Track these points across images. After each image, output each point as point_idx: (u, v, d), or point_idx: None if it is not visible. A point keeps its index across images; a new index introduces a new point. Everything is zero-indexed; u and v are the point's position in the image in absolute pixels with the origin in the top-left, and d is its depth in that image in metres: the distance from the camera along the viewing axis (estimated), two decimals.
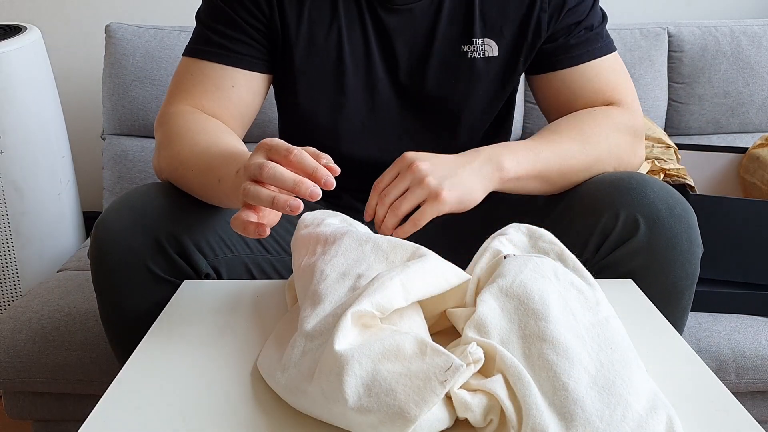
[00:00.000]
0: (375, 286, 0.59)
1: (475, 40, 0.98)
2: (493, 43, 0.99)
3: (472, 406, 0.53)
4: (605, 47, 1.00)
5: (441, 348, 0.54)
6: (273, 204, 0.66)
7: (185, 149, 0.89)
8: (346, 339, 0.56)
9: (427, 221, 0.83)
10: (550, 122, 1.04)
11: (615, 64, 1.01)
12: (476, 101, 1.02)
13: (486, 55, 0.99)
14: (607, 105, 0.99)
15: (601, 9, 1.01)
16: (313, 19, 0.98)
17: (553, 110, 1.03)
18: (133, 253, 0.82)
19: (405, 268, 0.62)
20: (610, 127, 0.95)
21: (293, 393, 0.58)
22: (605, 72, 1.00)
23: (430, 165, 0.83)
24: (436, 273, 0.63)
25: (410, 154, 0.85)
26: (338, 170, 0.70)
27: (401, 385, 0.52)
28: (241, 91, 0.98)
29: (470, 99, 1.01)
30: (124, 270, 0.82)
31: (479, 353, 0.56)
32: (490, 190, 0.88)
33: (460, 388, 0.55)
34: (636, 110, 1.00)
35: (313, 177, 0.68)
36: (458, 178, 0.84)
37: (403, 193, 0.84)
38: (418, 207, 0.84)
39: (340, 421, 0.55)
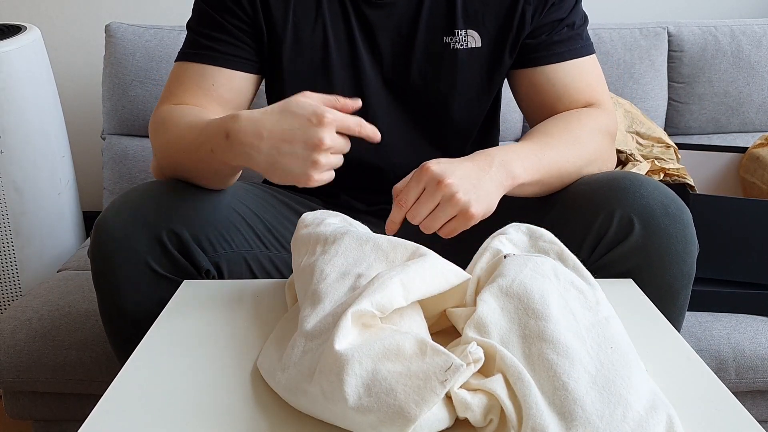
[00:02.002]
0: (375, 285, 0.59)
1: (457, 31, 0.99)
2: (476, 35, 0.99)
3: (472, 406, 0.53)
4: (586, 48, 1.01)
5: (441, 348, 0.54)
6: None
7: (171, 134, 0.91)
8: (346, 339, 0.56)
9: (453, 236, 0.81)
10: (530, 121, 1.05)
11: (595, 65, 1.03)
12: (462, 94, 1.02)
13: (468, 46, 0.99)
14: (588, 105, 1.00)
15: (582, 10, 1.02)
16: (298, 17, 0.99)
17: (535, 108, 1.03)
18: (134, 251, 0.82)
19: (405, 268, 0.62)
20: (594, 130, 0.96)
21: (293, 393, 0.58)
22: (587, 72, 1.01)
23: (457, 180, 0.79)
24: (436, 272, 0.63)
25: (434, 167, 0.79)
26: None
27: (401, 384, 0.52)
28: (222, 90, 0.99)
29: (455, 91, 1.02)
30: (124, 268, 0.83)
31: (479, 353, 0.56)
32: (501, 196, 0.85)
33: (460, 387, 0.55)
34: (612, 112, 1.01)
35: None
36: (482, 190, 0.81)
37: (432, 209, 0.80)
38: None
39: (340, 421, 0.55)
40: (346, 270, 0.67)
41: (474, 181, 0.80)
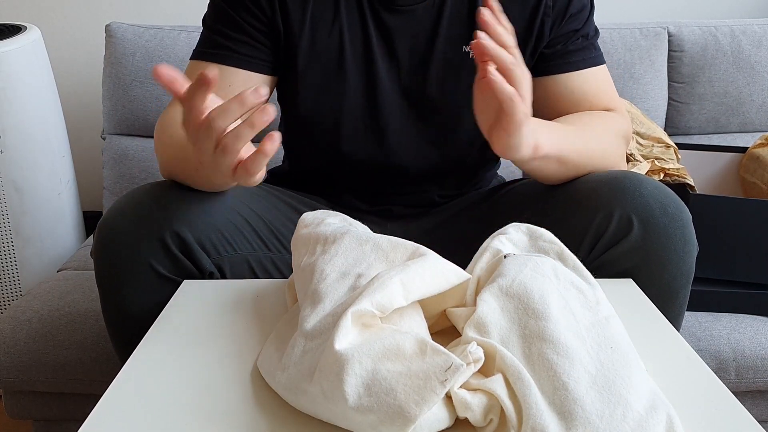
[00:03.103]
0: (375, 285, 0.59)
1: None
2: None
3: (472, 406, 0.53)
4: (599, 58, 1.03)
5: (441, 348, 0.54)
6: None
7: (168, 146, 0.91)
8: (346, 338, 0.56)
9: (511, 95, 0.76)
10: None
11: (607, 74, 1.05)
12: None
13: None
14: (606, 110, 1.02)
15: (595, 23, 1.04)
16: (316, 21, 0.99)
17: (551, 115, 1.03)
18: (137, 252, 0.82)
19: (405, 268, 0.62)
20: (610, 130, 0.98)
21: (293, 392, 0.58)
22: (601, 80, 1.03)
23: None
24: (437, 272, 0.63)
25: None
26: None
27: (401, 384, 0.52)
28: (237, 91, 0.98)
29: (471, 100, 1.01)
30: (127, 269, 0.83)
31: (479, 353, 0.56)
32: (523, 157, 0.84)
33: (460, 387, 0.55)
34: (628, 118, 1.03)
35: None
36: (530, 128, 0.81)
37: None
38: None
39: (340, 421, 0.55)
40: (346, 270, 0.67)
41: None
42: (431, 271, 0.63)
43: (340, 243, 0.70)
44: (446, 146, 1.05)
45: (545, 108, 1.04)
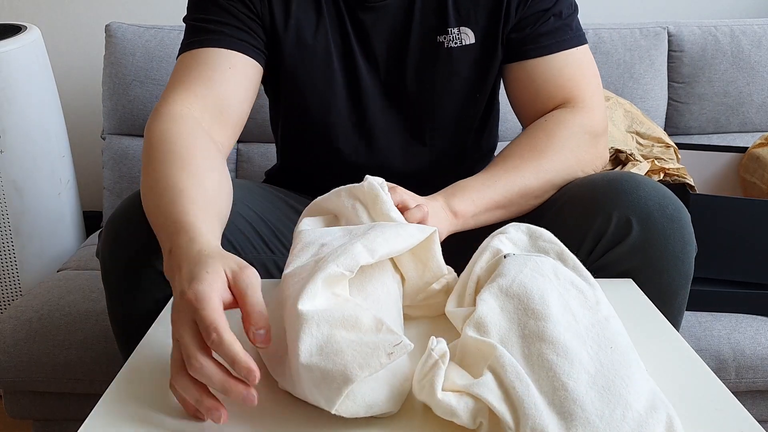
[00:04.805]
0: (338, 252, 0.62)
1: (450, 29, 0.99)
2: (470, 31, 0.99)
3: (458, 411, 0.53)
4: (574, 39, 0.98)
5: (395, 329, 0.56)
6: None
7: (151, 175, 0.80)
8: (311, 301, 0.58)
9: None
10: (519, 118, 1.05)
11: (583, 58, 0.99)
12: (457, 93, 1.02)
13: (462, 44, 0.99)
14: (567, 101, 0.98)
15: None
16: (300, 18, 0.99)
17: (520, 105, 1.03)
18: (142, 251, 0.82)
19: (364, 235, 0.65)
20: (564, 135, 0.94)
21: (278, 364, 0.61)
22: (570, 66, 0.98)
23: None
24: (399, 231, 0.66)
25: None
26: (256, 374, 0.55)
27: (351, 349, 0.54)
28: (239, 76, 0.94)
29: (451, 89, 1.01)
30: (132, 268, 0.82)
31: (443, 346, 0.57)
32: (451, 232, 0.88)
33: (445, 390, 0.55)
34: (593, 108, 0.98)
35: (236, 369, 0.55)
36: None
37: None
38: None
39: (294, 376, 0.57)
40: (311, 241, 0.70)
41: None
42: (392, 231, 0.65)
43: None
44: (434, 140, 1.05)
45: (513, 98, 1.03)
